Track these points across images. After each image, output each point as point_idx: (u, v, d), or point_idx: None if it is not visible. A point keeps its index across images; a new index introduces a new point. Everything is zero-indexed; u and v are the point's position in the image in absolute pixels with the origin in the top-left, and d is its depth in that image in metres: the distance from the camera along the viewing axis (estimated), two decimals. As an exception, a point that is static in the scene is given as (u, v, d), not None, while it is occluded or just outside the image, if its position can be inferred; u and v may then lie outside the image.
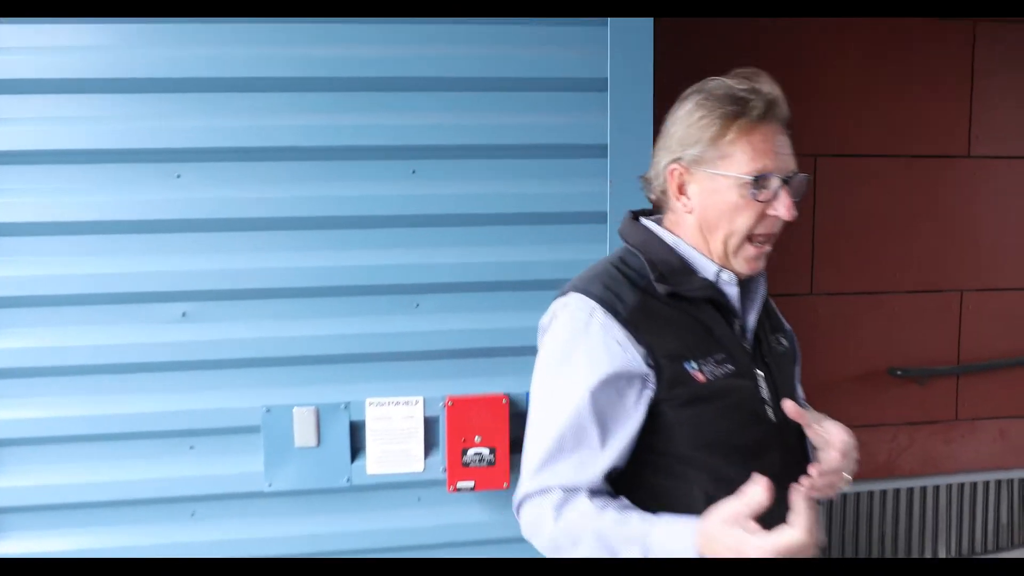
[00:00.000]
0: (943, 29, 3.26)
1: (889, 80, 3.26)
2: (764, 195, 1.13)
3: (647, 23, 1.82)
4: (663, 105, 1.29)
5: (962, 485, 3.47)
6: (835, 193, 3.26)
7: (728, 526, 0.94)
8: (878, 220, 3.31)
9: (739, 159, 1.13)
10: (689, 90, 1.20)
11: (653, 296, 1.15)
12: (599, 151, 1.87)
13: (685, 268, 1.19)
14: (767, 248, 1.19)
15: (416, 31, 1.78)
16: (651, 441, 1.13)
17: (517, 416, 1.86)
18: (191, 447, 1.82)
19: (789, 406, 1.11)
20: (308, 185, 1.80)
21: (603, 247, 1.88)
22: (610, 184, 1.86)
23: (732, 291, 1.19)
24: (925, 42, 3.26)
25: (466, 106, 1.83)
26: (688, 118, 1.16)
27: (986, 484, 3.51)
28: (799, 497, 0.95)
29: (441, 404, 1.85)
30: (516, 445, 1.75)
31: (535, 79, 1.84)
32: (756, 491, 0.94)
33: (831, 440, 1.15)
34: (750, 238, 1.16)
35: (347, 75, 1.78)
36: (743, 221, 1.15)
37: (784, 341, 1.32)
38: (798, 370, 1.42)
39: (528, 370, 1.23)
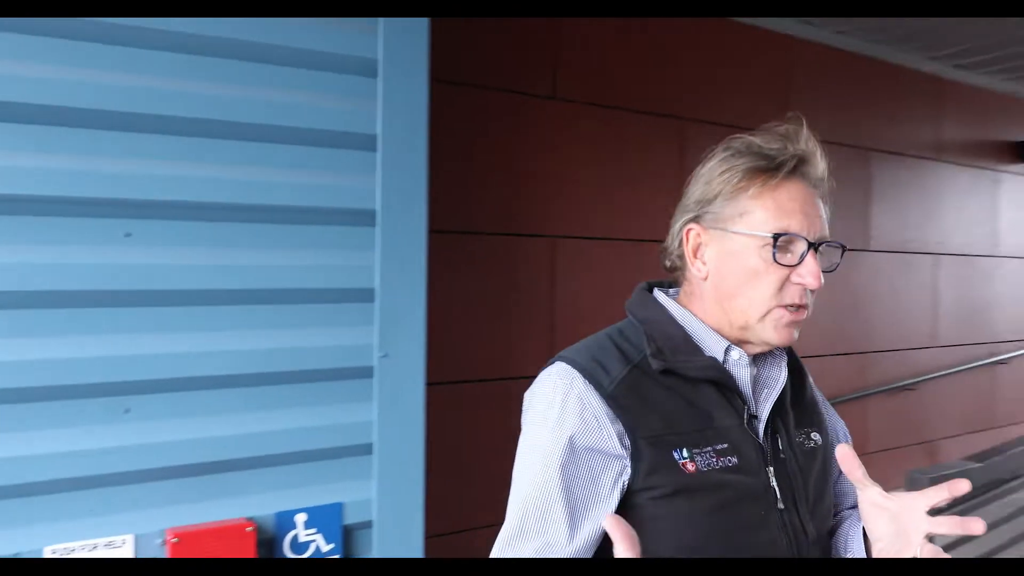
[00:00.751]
0: (657, 124, 3.56)
1: (614, 169, 3.45)
2: (787, 259, 0.98)
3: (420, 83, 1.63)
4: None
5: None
6: (568, 272, 3.33)
7: None
8: (601, 296, 3.43)
9: (761, 216, 0.99)
10: (715, 148, 1.06)
11: (646, 373, 1.00)
12: (367, 217, 1.61)
13: (688, 344, 1.03)
14: (801, 316, 1.01)
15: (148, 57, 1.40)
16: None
17: (266, 544, 1.47)
18: None
19: (843, 450, 0.92)
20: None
21: (369, 329, 1.60)
22: (379, 252, 1.60)
23: (742, 373, 1.03)
24: (641, 136, 3.52)
25: (202, 154, 1.46)
26: (709, 174, 1.03)
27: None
28: None
29: (160, 541, 1.39)
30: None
31: (294, 129, 1.54)
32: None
33: (902, 509, 0.90)
34: (781, 309, 1.00)
35: (33, 101, 1.33)
36: (764, 288, 0.99)
37: (817, 437, 1.11)
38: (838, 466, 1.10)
39: (277, 484, 1.17)
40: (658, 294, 1.12)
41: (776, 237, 0.97)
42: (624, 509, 0.95)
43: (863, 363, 4.52)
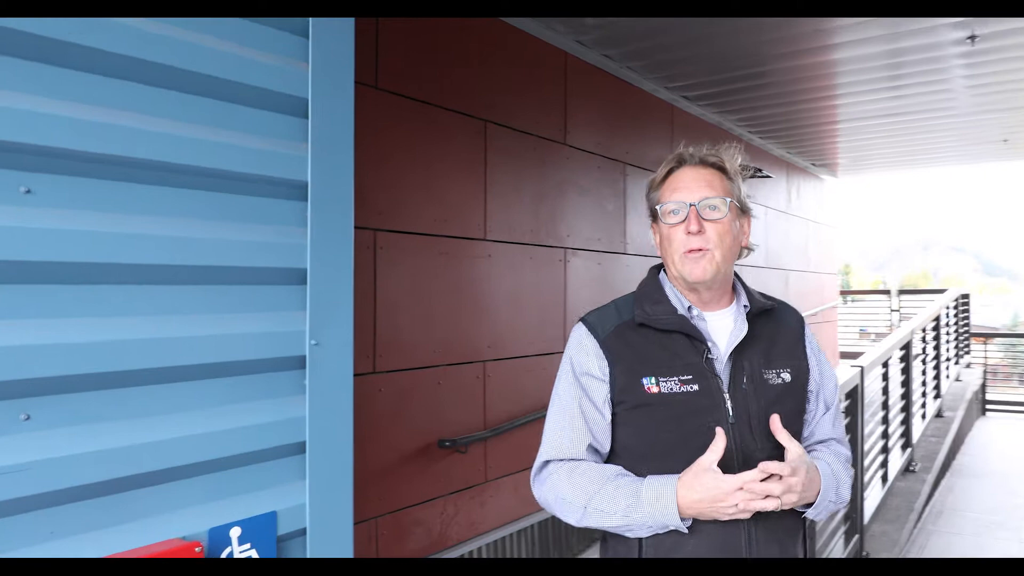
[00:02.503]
0: (464, 123, 3.62)
1: (432, 165, 3.44)
2: (677, 218, 1.42)
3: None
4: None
5: (495, 541, 3.73)
6: (394, 268, 3.24)
7: (702, 473, 1.28)
8: (423, 296, 3.40)
9: (664, 198, 1.46)
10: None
11: (632, 326, 1.44)
12: (298, 190, 1.43)
13: (665, 306, 1.45)
14: (701, 256, 1.40)
15: None
16: (614, 439, 1.45)
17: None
18: None
19: (774, 420, 1.35)
20: None
21: (300, 315, 1.43)
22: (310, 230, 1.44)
23: (703, 325, 1.44)
24: (452, 131, 3.55)
25: (122, 100, 1.20)
26: (647, 190, 1.53)
27: (512, 536, 3.85)
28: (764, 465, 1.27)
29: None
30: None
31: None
32: (717, 444, 1.29)
33: (787, 456, 1.33)
34: (684, 254, 1.41)
35: None
36: (675, 243, 1.42)
37: (786, 376, 1.45)
38: (822, 402, 1.54)
39: (206, 495, 1.24)
40: (660, 272, 1.54)
41: (664, 206, 1.43)
42: (614, 416, 1.42)
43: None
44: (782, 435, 1.33)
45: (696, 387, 1.37)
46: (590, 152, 4.61)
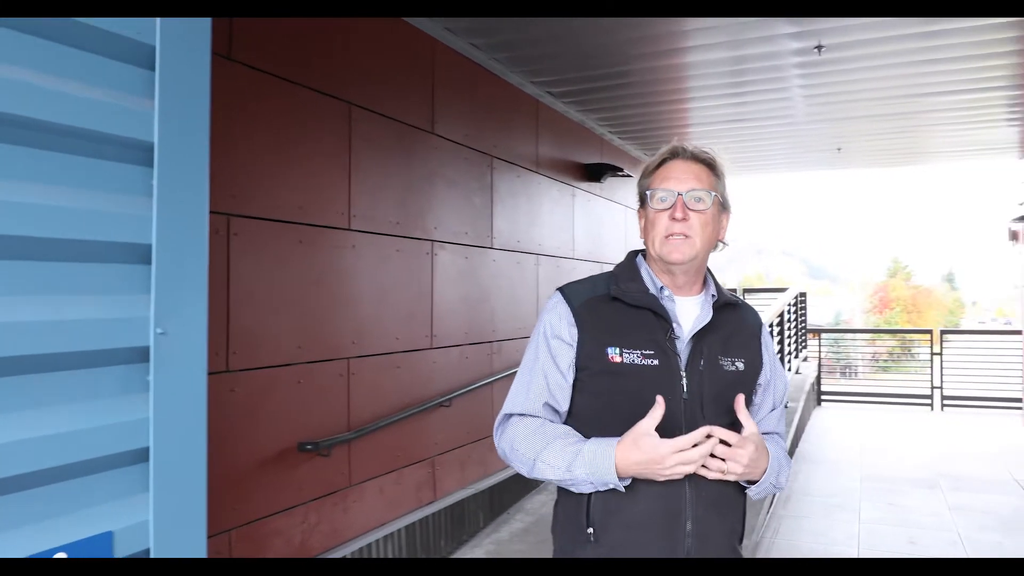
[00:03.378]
0: (327, 105, 3.40)
1: (292, 148, 3.19)
2: (664, 205, 1.51)
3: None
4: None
5: (361, 549, 3.53)
6: (250, 257, 2.98)
7: (641, 437, 1.36)
8: (282, 289, 3.16)
9: (655, 185, 1.54)
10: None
11: (605, 299, 1.54)
12: (142, 153, 1.22)
13: (638, 284, 1.55)
14: (682, 242, 1.50)
15: None
16: (573, 402, 1.55)
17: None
18: None
19: (739, 400, 1.45)
20: None
21: (144, 298, 1.22)
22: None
23: (671, 306, 1.52)
24: (314, 112, 3.33)
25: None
26: (638, 177, 1.60)
27: (378, 542, 3.66)
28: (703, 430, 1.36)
29: None
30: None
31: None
32: (656, 411, 1.37)
33: (744, 431, 1.42)
34: (665, 238, 1.50)
35: None
36: (658, 227, 1.51)
37: (740, 365, 1.55)
38: (771, 399, 1.65)
39: (27, 515, 1.04)
40: (638, 256, 1.64)
41: (653, 192, 1.52)
42: (576, 380, 1.52)
43: (490, 351, 4.93)
44: (743, 413, 1.44)
45: (657, 362, 1.46)
46: (458, 143, 4.50)
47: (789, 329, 8.60)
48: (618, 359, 1.46)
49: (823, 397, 10.59)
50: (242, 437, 2.97)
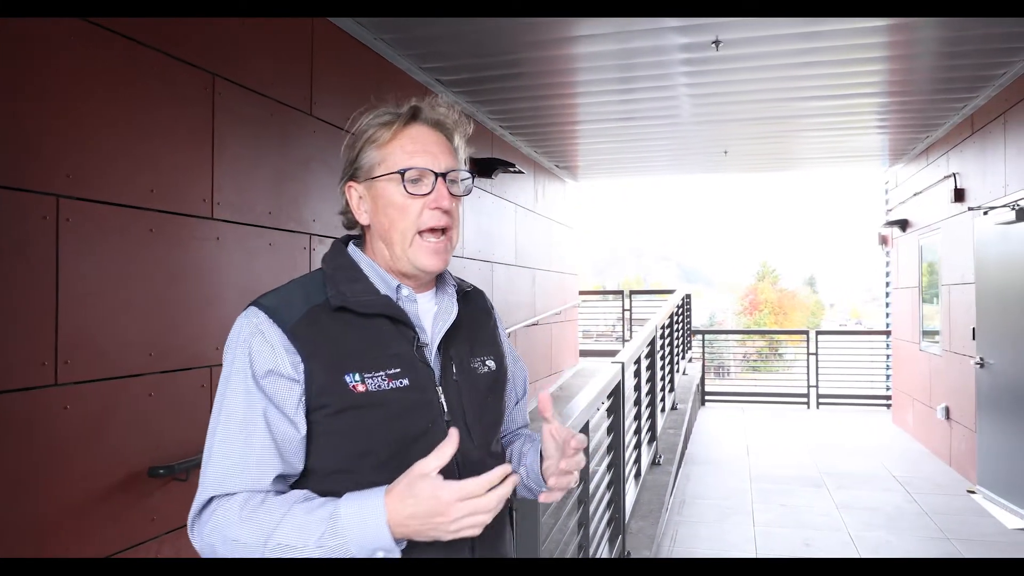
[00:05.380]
0: (186, 73, 2.95)
1: (142, 121, 2.73)
2: (420, 189, 1.19)
3: None
4: None
5: None
6: (87, 248, 2.50)
7: (417, 480, 1.01)
8: (130, 286, 2.69)
9: (393, 159, 1.20)
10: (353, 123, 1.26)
11: (325, 311, 1.17)
12: None
13: (365, 285, 1.22)
14: (444, 242, 1.22)
15: None
16: (309, 455, 1.14)
17: None
18: None
19: (544, 397, 1.17)
20: None
21: None
22: None
23: (411, 308, 1.23)
24: (170, 81, 2.87)
25: None
26: (351, 140, 1.24)
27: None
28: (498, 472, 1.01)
29: None
30: None
31: None
32: (445, 448, 1.02)
33: (556, 435, 1.18)
34: (420, 234, 1.20)
35: None
36: (407, 218, 1.20)
37: (491, 363, 1.31)
38: (514, 391, 1.43)
39: None
40: (350, 247, 1.29)
41: (403, 172, 1.19)
42: (308, 426, 1.13)
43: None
44: (549, 413, 1.19)
45: (406, 380, 1.16)
46: (339, 128, 4.11)
47: (677, 331, 8.67)
48: (361, 387, 1.12)
49: (706, 397, 10.82)
50: (80, 463, 2.49)
